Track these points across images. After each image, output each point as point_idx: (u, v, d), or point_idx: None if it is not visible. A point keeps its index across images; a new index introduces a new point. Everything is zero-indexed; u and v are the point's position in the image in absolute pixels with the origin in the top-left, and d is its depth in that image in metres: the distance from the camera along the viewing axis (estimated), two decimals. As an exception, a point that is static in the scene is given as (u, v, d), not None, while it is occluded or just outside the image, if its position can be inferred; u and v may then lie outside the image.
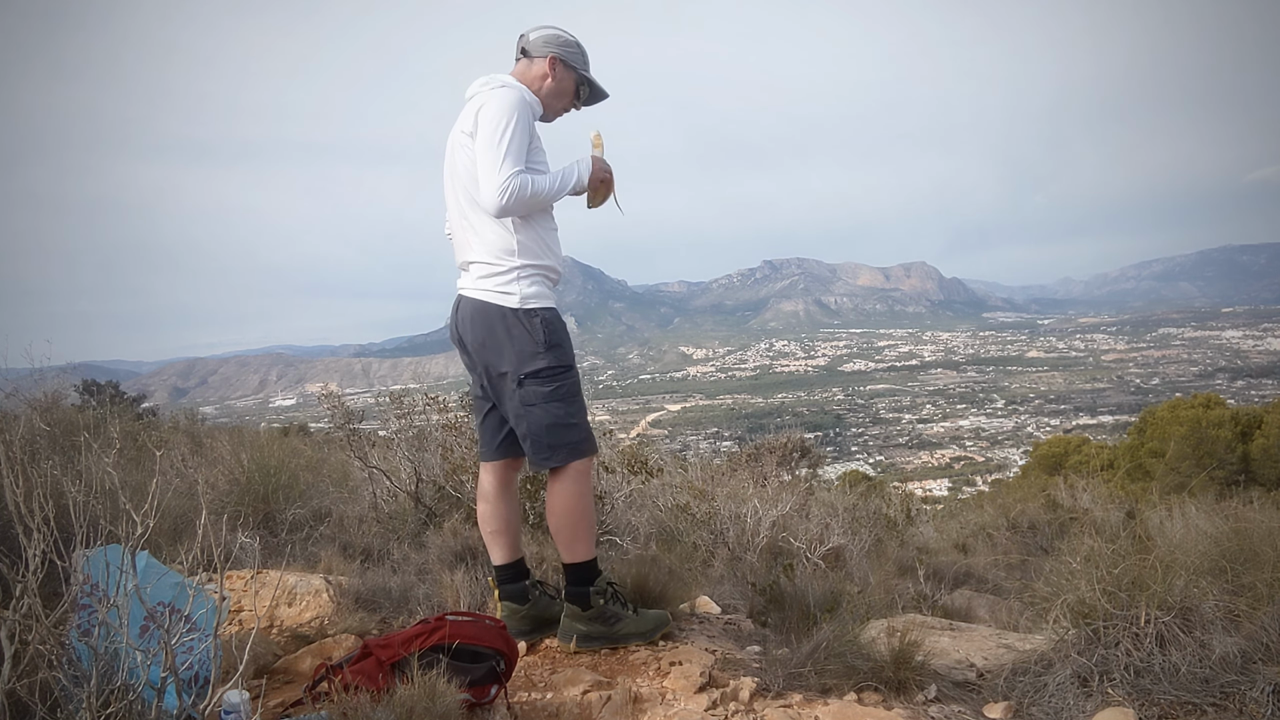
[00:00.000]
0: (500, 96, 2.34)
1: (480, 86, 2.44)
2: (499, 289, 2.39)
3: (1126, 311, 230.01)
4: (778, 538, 4.88)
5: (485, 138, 2.29)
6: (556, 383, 2.38)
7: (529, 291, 2.38)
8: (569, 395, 2.41)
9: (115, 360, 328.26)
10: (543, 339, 2.37)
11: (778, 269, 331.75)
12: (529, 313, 2.37)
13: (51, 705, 1.42)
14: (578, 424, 2.41)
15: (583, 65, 2.56)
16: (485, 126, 2.30)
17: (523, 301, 2.37)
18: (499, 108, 2.30)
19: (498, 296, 2.38)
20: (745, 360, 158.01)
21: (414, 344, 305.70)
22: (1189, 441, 13.12)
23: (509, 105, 2.31)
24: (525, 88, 2.45)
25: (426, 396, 5.09)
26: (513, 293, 2.37)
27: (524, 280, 2.38)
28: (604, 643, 2.47)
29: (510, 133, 2.27)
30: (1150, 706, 2.02)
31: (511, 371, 2.38)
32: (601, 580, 2.48)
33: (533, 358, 2.36)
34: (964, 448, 79.82)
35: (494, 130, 2.27)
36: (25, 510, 1.47)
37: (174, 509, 3.15)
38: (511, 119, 2.28)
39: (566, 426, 2.38)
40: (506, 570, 2.60)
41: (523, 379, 2.37)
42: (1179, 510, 3.22)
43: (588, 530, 2.45)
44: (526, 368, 2.37)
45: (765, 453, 8.52)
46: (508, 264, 2.38)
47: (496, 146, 2.26)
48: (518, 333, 2.37)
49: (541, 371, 2.37)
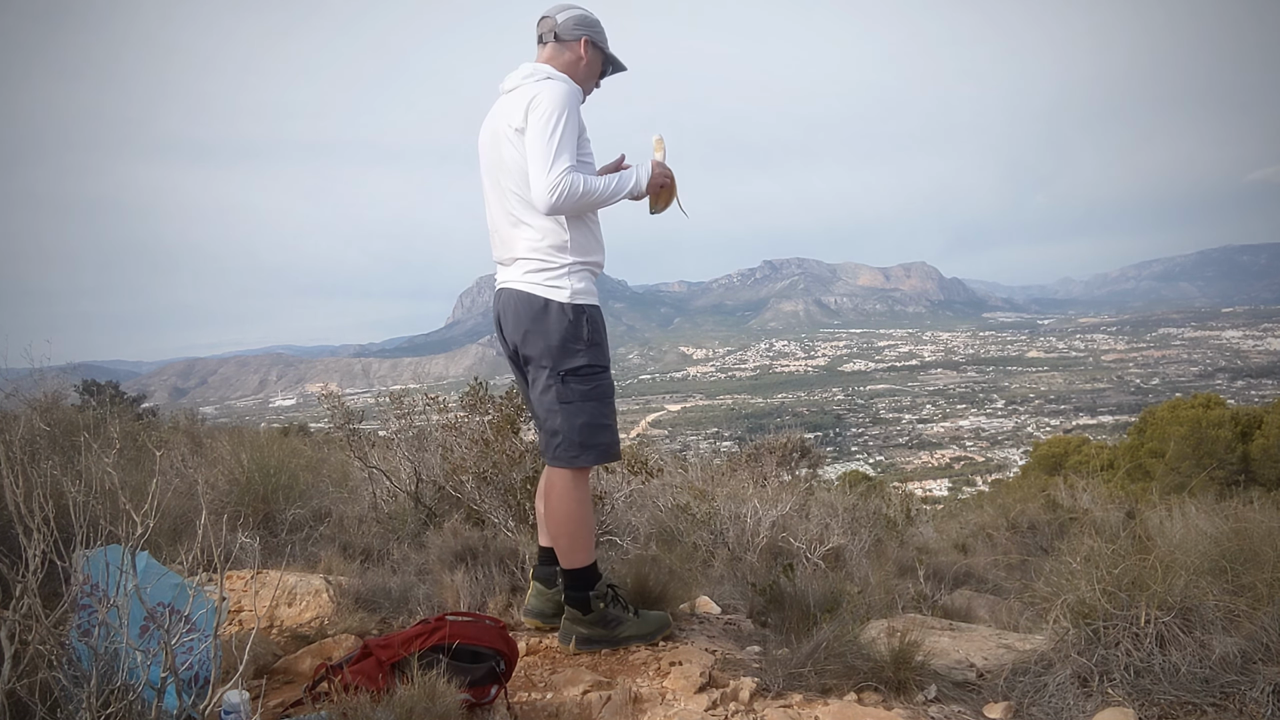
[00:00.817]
0: (551, 90, 2.26)
1: (523, 79, 2.36)
2: (550, 283, 2.34)
3: (1126, 311, 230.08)
4: (778, 538, 4.88)
5: (536, 133, 2.22)
6: (595, 382, 2.37)
7: (579, 287, 2.36)
8: (604, 396, 2.39)
9: (115, 360, 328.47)
10: (586, 336, 2.34)
11: (778, 269, 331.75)
12: (578, 309, 2.34)
13: (51, 705, 1.42)
14: (610, 426, 2.39)
15: (607, 42, 2.50)
16: (537, 121, 2.23)
17: (573, 297, 2.34)
18: (551, 101, 2.24)
19: (549, 290, 2.34)
20: (745, 360, 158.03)
21: (414, 344, 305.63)
22: (1189, 441, 13.12)
23: (561, 99, 2.24)
24: (567, 77, 2.38)
25: (426, 396, 5.09)
26: (564, 287, 2.33)
27: (574, 276, 2.36)
28: (604, 646, 2.46)
29: (562, 128, 2.21)
30: (1150, 706, 2.02)
31: (552, 366, 2.35)
32: (602, 584, 2.48)
33: (575, 354, 2.33)
34: (964, 448, 79.82)
35: (546, 125, 2.21)
36: (25, 510, 1.47)
37: (174, 509, 3.15)
38: (563, 113, 2.22)
39: (600, 427, 2.36)
40: (546, 551, 2.63)
41: (564, 375, 2.34)
42: (1179, 510, 3.22)
43: (588, 536, 2.44)
44: (568, 364, 2.34)
45: (765, 453, 8.52)
46: (560, 260, 2.34)
47: (548, 142, 2.20)
48: (564, 327, 2.33)
49: (581, 369, 2.34)
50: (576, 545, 2.42)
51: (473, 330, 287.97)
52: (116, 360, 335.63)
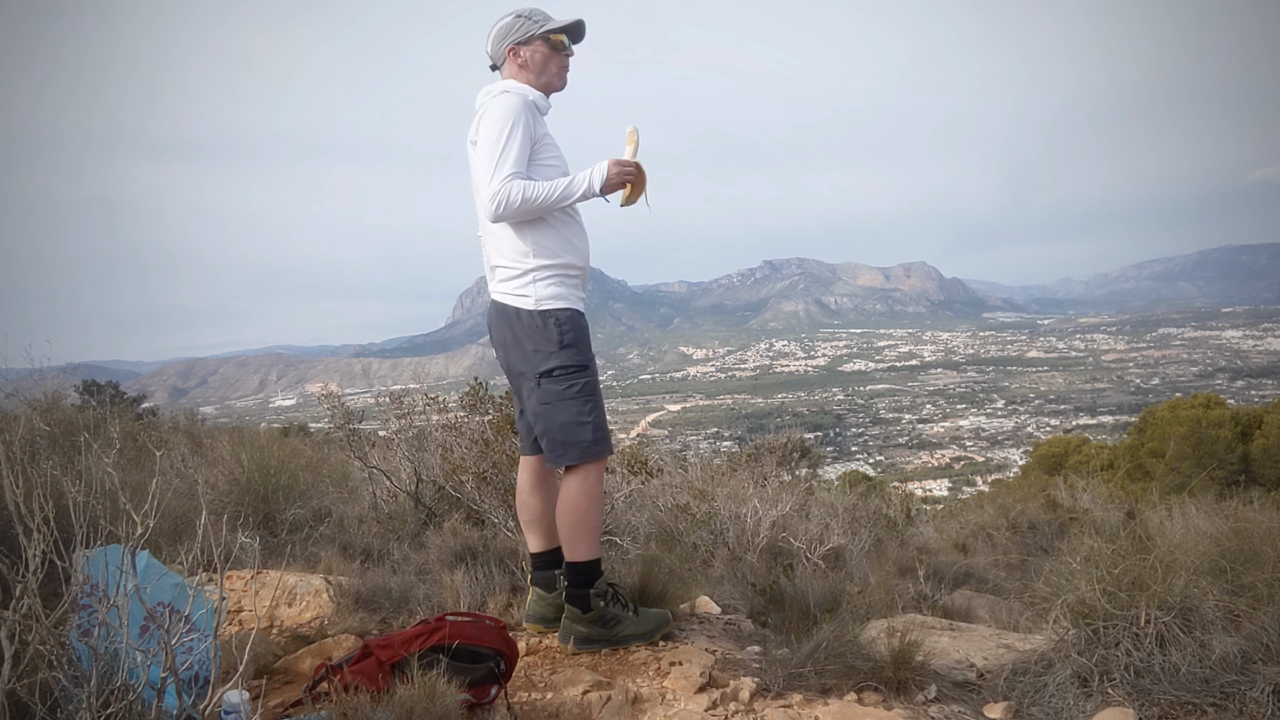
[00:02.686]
0: (499, 103, 2.37)
1: (484, 96, 2.47)
2: (516, 291, 2.43)
3: (1126, 311, 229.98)
4: (778, 538, 4.89)
5: (482, 146, 2.34)
6: (570, 381, 2.41)
7: (545, 293, 2.42)
8: (583, 394, 2.42)
9: (115, 360, 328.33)
10: (557, 338, 2.40)
11: (778, 269, 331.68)
12: (544, 314, 2.40)
13: (51, 705, 1.42)
14: (591, 423, 2.42)
15: (538, 27, 2.47)
16: (483, 135, 2.35)
17: (538, 303, 2.41)
18: (496, 114, 2.34)
19: (515, 299, 2.43)
20: (745, 360, 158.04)
21: (414, 344, 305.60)
22: (1189, 441, 13.11)
23: (506, 111, 2.34)
24: (525, 86, 2.46)
25: (426, 396, 5.09)
26: (528, 295, 2.41)
27: (540, 282, 2.42)
28: (603, 645, 2.47)
29: (505, 139, 2.31)
30: (1150, 706, 2.02)
31: (529, 371, 2.43)
32: (602, 582, 2.49)
33: (547, 357, 2.40)
34: (964, 448, 79.81)
35: (490, 138, 2.33)
36: (25, 510, 1.47)
37: (174, 509, 3.15)
38: (507, 124, 2.32)
39: (579, 425, 2.40)
40: (539, 558, 2.68)
41: (539, 378, 2.41)
42: (1179, 510, 3.22)
43: (589, 531, 2.45)
44: (542, 367, 2.41)
45: (765, 453, 8.53)
46: (523, 266, 2.42)
47: (490, 154, 2.31)
48: (534, 333, 2.41)
49: (555, 371, 2.40)
50: (577, 536, 2.45)
51: (473, 330, 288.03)
52: (116, 360, 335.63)
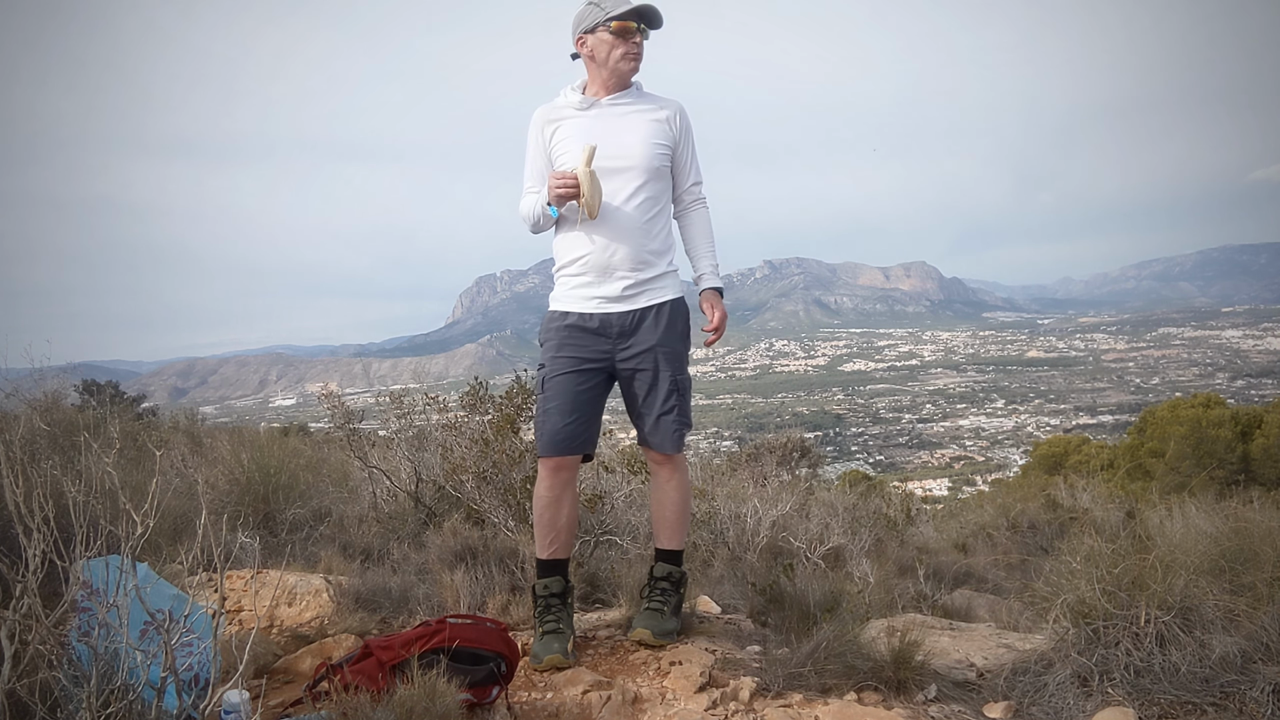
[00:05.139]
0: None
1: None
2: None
3: (1126, 311, 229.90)
4: (778, 537, 4.89)
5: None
6: (540, 379, 2.52)
7: (554, 295, 2.56)
8: (543, 391, 2.50)
9: (115, 360, 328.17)
10: (541, 340, 2.53)
11: (778, 269, 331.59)
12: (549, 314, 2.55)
13: (51, 705, 1.42)
14: (540, 421, 2.48)
15: (603, 14, 2.36)
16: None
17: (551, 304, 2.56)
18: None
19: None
20: (745, 360, 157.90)
21: (414, 344, 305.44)
22: (1189, 441, 13.11)
23: (530, 128, 2.51)
24: (562, 94, 2.50)
25: (426, 396, 5.09)
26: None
27: (556, 284, 2.56)
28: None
29: (526, 159, 2.51)
30: (1150, 706, 2.02)
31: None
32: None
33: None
34: (964, 448, 79.78)
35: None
36: (25, 510, 1.47)
37: (174, 509, 3.15)
38: (528, 141, 2.51)
39: (538, 422, 2.50)
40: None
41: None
42: (1179, 510, 3.21)
43: (538, 527, 2.51)
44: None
45: (765, 452, 8.53)
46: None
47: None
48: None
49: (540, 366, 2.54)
50: (538, 533, 2.53)
51: (473, 330, 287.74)
52: (116, 360, 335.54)
